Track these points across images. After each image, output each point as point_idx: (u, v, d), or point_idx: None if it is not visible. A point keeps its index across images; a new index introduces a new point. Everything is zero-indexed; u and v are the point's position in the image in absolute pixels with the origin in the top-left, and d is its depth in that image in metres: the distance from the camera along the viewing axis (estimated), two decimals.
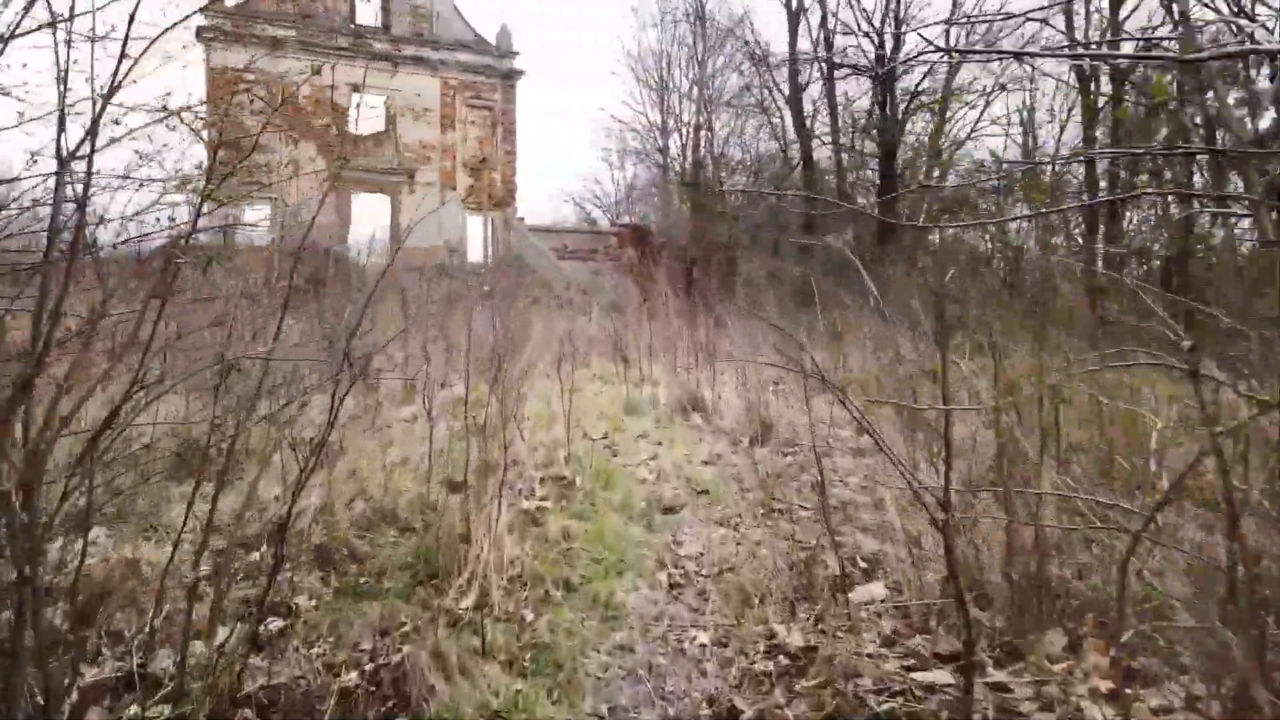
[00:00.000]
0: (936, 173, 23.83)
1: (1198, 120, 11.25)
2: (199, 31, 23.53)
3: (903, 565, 3.42)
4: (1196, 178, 12.09)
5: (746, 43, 26.92)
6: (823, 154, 25.37)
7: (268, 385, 3.04)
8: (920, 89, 23.10)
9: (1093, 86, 18.93)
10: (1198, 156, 10.38)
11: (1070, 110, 21.73)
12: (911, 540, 3.33)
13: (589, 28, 63.08)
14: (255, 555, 3.29)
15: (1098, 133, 18.57)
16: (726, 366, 8.37)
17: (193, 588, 2.66)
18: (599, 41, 61.29)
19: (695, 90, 30.48)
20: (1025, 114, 22.82)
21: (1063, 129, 21.94)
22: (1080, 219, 19.61)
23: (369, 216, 25.50)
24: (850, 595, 3.14)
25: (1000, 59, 20.90)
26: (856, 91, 28.95)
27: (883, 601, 3.14)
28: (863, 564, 3.49)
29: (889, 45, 23.01)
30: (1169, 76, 14.50)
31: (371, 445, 4.81)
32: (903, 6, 22.45)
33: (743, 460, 5.28)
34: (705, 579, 3.48)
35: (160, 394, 2.46)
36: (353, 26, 25.97)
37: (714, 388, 7.16)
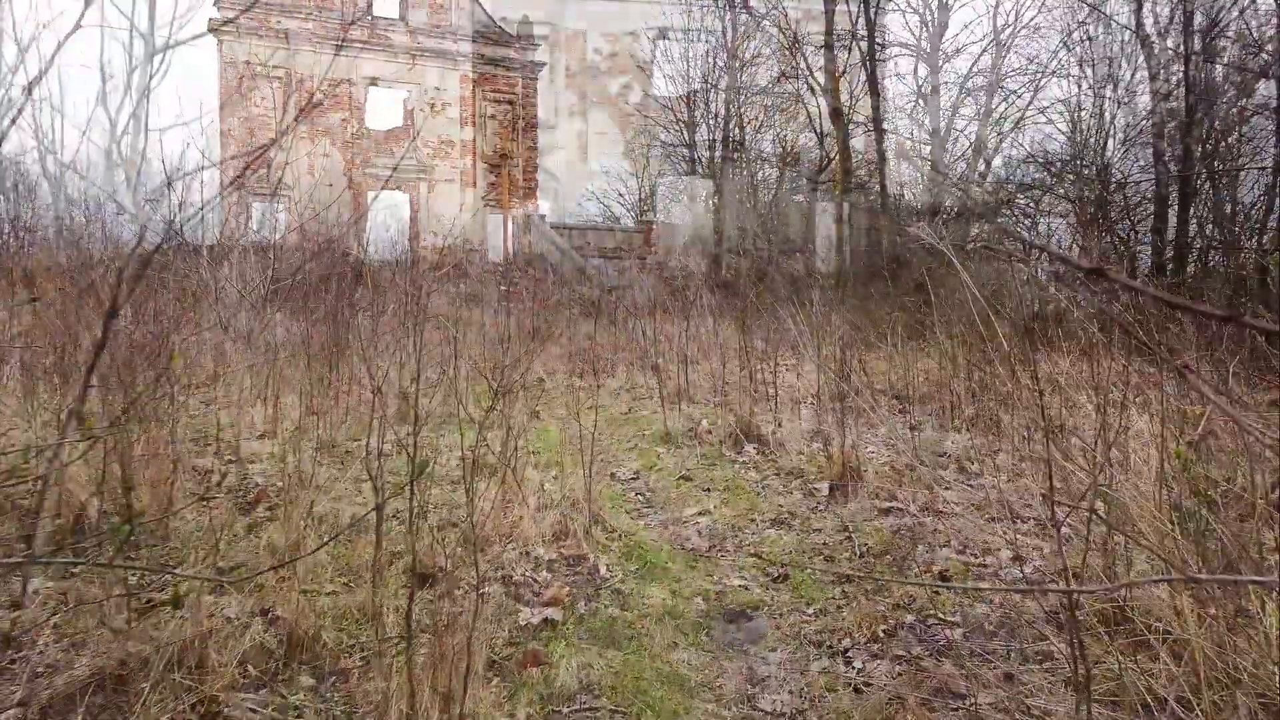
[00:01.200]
0: (982, 163, 22.19)
1: None
2: (211, 24, 22.63)
3: None
4: None
5: (780, 28, 25.39)
6: (860, 145, 23.80)
7: None
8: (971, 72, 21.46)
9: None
10: None
11: (1120, 100, 19.90)
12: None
13: (603, 20, 61.25)
14: None
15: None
16: (779, 376, 6.93)
17: None
18: (617, 33, 59.70)
19: (724, 79, 28.97)
20: (1073, 101, 20.97)
21: (1113, 119, 20.12)
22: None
23: (386, 213, 24.48)
24: None
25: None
26: (897, 80, 27.32)
27: None
28: None
29: (933, 21, 21.40)
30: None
31: (317, 499, 3.47)
32: None
33: (828, 524, 3.85)
34: None
35: None
36: (370, 19, 24.88)
37: (773, 409, 5.74)
